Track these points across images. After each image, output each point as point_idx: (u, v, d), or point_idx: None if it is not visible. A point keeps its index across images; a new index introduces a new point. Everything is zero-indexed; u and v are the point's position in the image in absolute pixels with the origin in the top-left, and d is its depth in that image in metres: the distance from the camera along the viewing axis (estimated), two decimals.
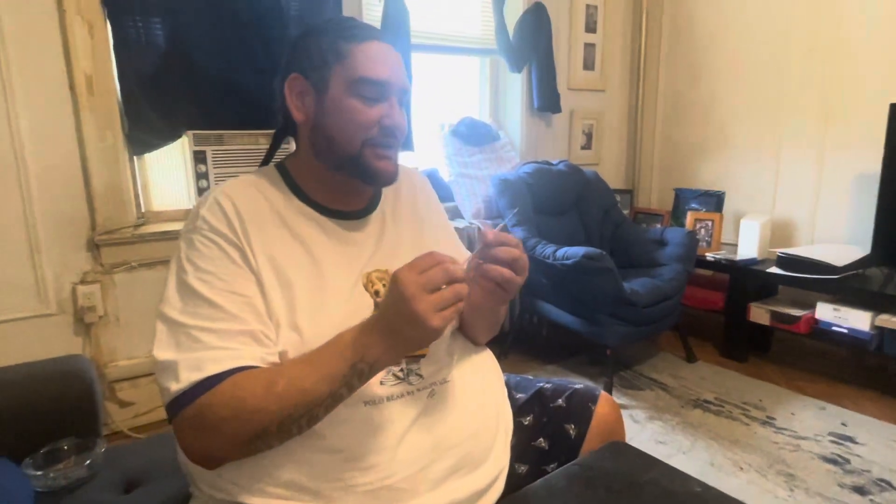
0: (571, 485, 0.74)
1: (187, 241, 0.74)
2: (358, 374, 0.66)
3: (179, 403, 0.65)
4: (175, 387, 0.65)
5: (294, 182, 0.83)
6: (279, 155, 0.91)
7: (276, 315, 0.71)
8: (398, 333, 0.64)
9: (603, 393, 1.01)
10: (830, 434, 1.94)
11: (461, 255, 0.95)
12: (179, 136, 1.97)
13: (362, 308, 0.75)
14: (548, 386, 1.02)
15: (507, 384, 1.01)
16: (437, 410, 0.79)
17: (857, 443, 1.88)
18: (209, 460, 0.69)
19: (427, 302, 0.61)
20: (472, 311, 0.88)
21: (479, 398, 0.86)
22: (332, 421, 0.69)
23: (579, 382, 1.04)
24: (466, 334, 0.93)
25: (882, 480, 1.68)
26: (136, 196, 1.97)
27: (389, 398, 0.76)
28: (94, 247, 1.84)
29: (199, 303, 0.68)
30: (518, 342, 2.68)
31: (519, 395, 1.01)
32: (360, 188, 0.85)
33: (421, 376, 0.80)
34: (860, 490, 1.64)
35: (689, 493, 0.71)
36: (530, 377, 1.08)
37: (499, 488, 0.82)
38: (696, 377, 2.39)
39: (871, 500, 1.59)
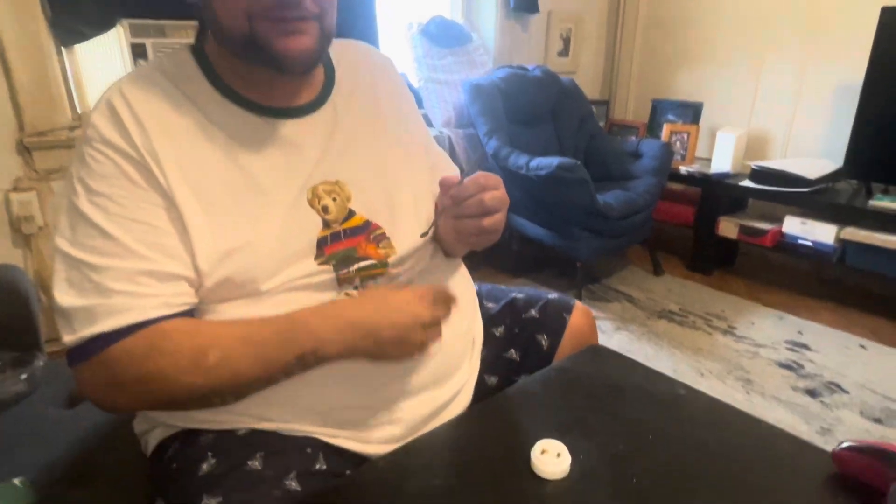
0: (548, 389, 0.70)
1: (79, 154, 0.59)
2: (302, 365, 0.59)
3: (75, 356, 0.56)
4: (68, 338, 0.55)
5: (214, 71, 0.65)
6: None
7: (196, 245, 0.58)
8: (372, 347, 0.60)
9: (577, 303, 0.98)
10: (787, 342, 2.01)
11: (438, 160, 0.85)
12: (113, 25, 1.75)
13: (308, 229, 0.64)
14: (520, 296, 0.97)
15: (479, 294, 0.95)
16: None
17: (811, 349, 1.96)
18: (117, 411, 0.61)
19: (426, 331, 0.60)
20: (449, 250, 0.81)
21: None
22: None
23: (553, 292, 1.00)
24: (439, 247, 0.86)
25: (832, 384, 1.76)
26: (70, 94, 1.77)
27: None
28: (24, 150, 1.67)
29: (92, 232, 0.56)
30: (488, 256, 2.66)
31: (490, 305, 0.96)
32: (283, 78, 0.65)
33: None
34: (812, 392, 1.71)
35: (673, 396, 0.69)
36: (502, 287, 1.03)
37: (464, 400, 0.79)
38: (662, 290, 2.42)
39: (821, 401, 1.67)
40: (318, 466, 0.62)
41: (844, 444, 0.55)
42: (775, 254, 2.61)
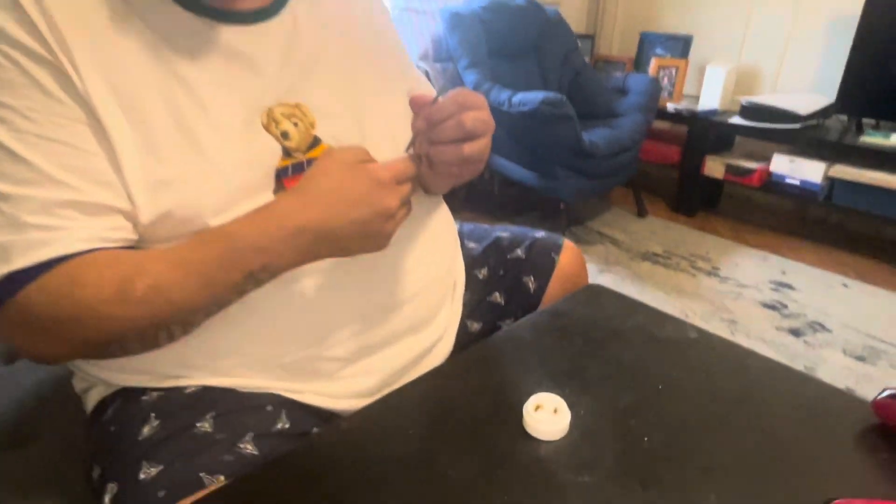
0: (541, 335, 0.63)
1: None
2: (255, 281, 0.50)
3: None
4: None
5: None
6: None
7: (126, 169, 0.48)
8: (331, 250, 0.51)
9: (567, 241, 0.90)
10: (771, 282, 1.99)
11: (416, 85, 0.74)
12: None
13: (263, 157, 0.54)
14: (505, 235, 0.89)
15: (460, 233, 0.87)
16: (377, 266, 0.63)
17: (794, 289, 1.94)
18: (47, 360, 0.52)
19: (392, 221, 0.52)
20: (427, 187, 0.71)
21: (428, 249, 0.71)
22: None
23: (540, 231, 0.92)
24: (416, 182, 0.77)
25: (815, 323, 1.75)
26: None
27: None
28: None
29: None
30: (468, 200, 2.56)
31: (472, 245, 0.88)
32: None
33: None
34: (795, 332, 1.70)
35: (684, 340, 0.61)
36: (485, 226, 0.94)
37: (445, 348, 0.72)
38: (646, 231, 2.38)
39: (804, 340, 1.66)
40: (279, 426, 0.54)
41: (887, 393, 0.49)
42: (761, 194, 2.56)
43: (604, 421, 0.50)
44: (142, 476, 0.48)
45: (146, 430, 0.51)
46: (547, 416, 0.49)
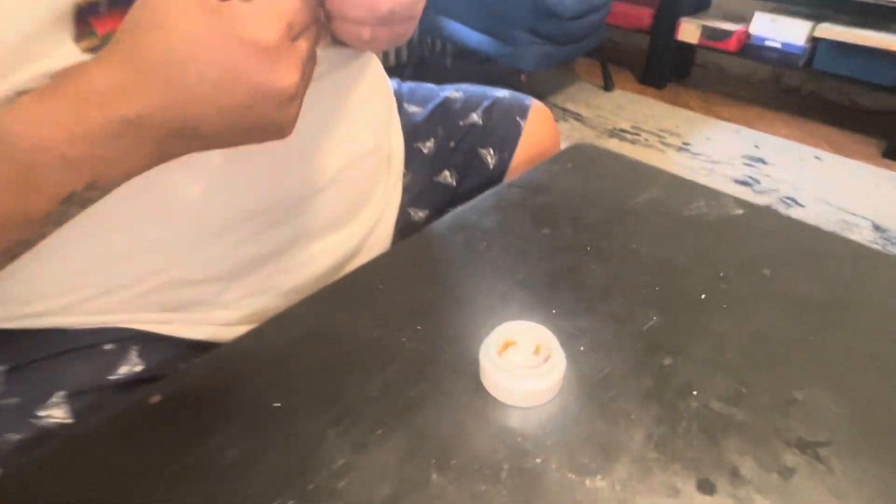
0: (508, 218, 0.45)
1: None
2: (80, 203, 0.30)
3: None
4: None
5: None
6: None
7: None
8: (199, 140, 0.30)
9: (535, 102, 0.71)
10: (743, 157, 1.87)
11: None
12: None
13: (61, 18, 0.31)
14: (457, 95, 0.69)
15: (398, 94, 0.66)
16: (279, 144, 0.42)
17: (767, 164, 1.84)
18: None
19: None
20: None
21: (350, 118, 0.50)
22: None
23: (501, 89, 0.72)
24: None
25: (788, 198, 1.66)
26: None
27: None
28: None
29: None
30: (418, 74, 2.28)
31: (414, 110, 0.67)
32: None
33: None
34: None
35: (725, 218, 0.44)
36: (431, 85, 0.73)
37: (379, 244, 0.54)
38: (612, 106, 2.19)
39: None
40: (122, 370, 0.37)
41: None
42: (736, 62, 2.38)
43: (624, 366, 0.32)
44: None
45: None
46: (524, 363, 0.31)
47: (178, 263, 0.38)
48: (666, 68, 2.31)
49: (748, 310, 0.36)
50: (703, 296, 0.37)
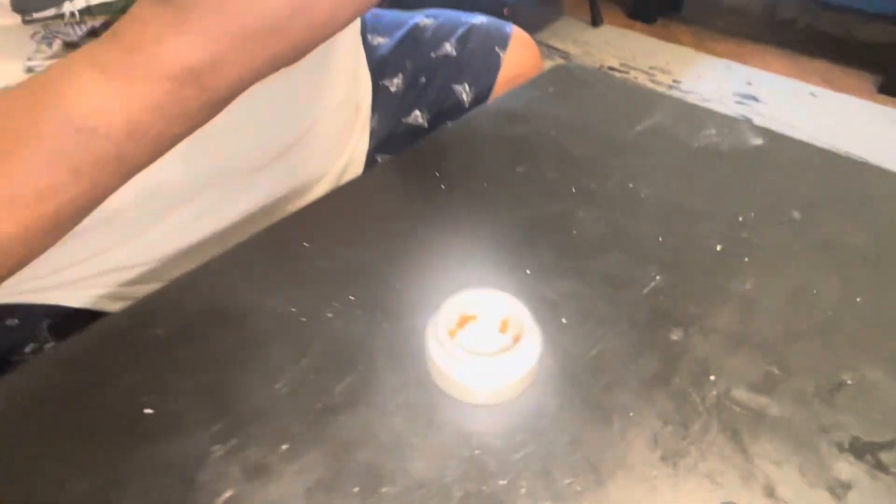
0: (479, 151, 0.36)
1: None
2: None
3: None
4: None
5: None
6: None
7: None
8: None
9: (516, 29, 0.63)
10: (736, 94, 1.79)
11: None
12: None
13: None
14: (428, 22, 0.61)
15: (362, 25, 0.57)
16: (228, 113, 0.34)
17: (760, 101, 1.77)
18: None
19: None
20: None
21: (318, 71, 0.41)
22: None
23: (478, 15, 0.63)
24: None
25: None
26: None
27: None
28: None
29: None
30: (392, 2, 2.12)
31: (379, 41, 0.59)
32: None
33: None
34: None
35: (742, 150, 0.35)
36: (398, 12, 0.64)
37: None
38: (600, 42, 2.07)
39: None
40: (28, 348, 0.31)
41: None
42: None
43: (620, 344, 0.25)
44: None
45: None
46: (485, 346, 0.23)
47: (101, 253, 0.31)
48: (656, 2, 2.19)
49: (777, 264, 0.28)
50: (719, 247, 0.29)
